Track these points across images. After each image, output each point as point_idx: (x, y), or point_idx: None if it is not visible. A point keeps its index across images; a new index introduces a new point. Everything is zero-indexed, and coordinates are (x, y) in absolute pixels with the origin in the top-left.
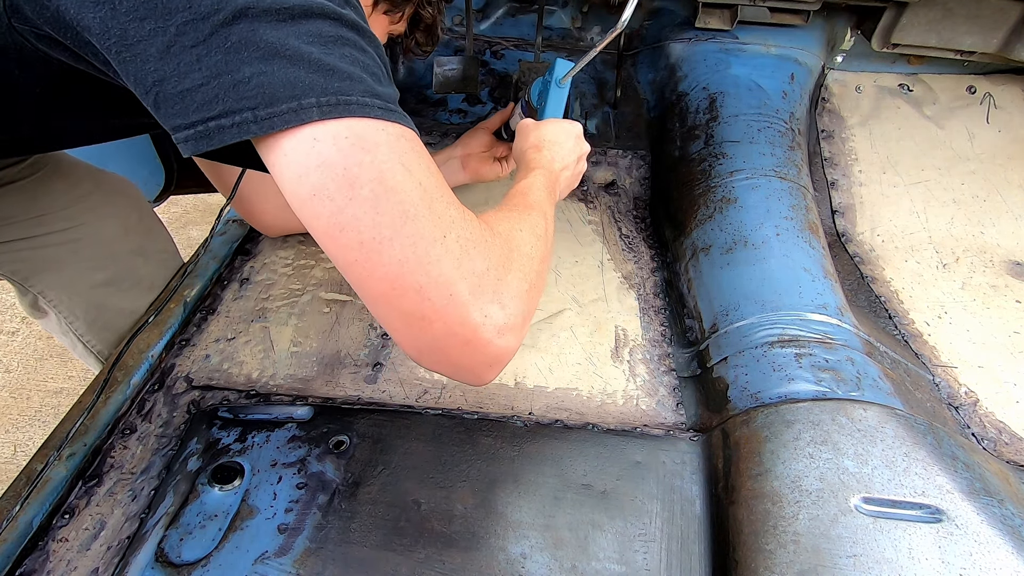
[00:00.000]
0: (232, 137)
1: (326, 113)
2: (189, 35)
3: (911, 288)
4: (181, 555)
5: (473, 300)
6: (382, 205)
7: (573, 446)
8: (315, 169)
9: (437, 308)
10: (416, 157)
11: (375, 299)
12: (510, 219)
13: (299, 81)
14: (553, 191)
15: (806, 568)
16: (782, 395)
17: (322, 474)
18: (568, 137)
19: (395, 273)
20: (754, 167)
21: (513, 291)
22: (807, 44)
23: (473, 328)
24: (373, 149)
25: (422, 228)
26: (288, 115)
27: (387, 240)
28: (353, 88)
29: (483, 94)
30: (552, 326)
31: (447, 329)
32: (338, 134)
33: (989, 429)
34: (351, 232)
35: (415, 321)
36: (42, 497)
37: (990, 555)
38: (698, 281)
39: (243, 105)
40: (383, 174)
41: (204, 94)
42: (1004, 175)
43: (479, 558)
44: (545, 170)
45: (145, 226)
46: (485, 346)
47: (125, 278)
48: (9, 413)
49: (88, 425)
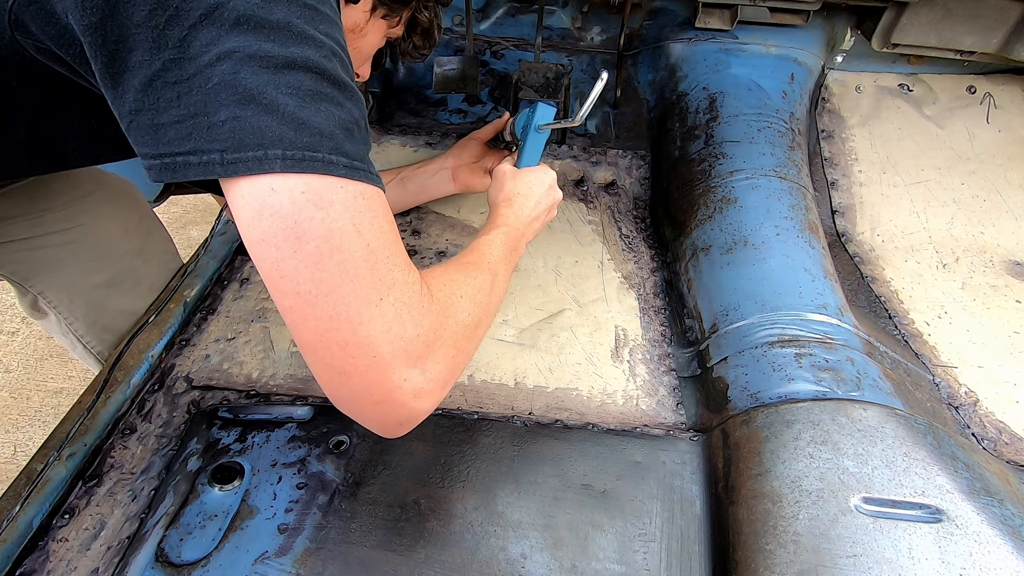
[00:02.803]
0: (196, 174)
1: (289, 167)
2: (173, 72)
3: (911, 288)
4: (181, 555)
5: (395, 364)
6: (324, 262)
7: (573, 446)
8: (267, 217)
9: (358, 367)
10: (370, 217)
11: (302, 344)
12: (454, 283)
13: (269, 131)
14: (515, 248)
15: (806, 568)
16: (782, 395)
17: (322, 474)
18: (541, 188)
19: (324, 327)
20: (754, 167)
21: (438, 357)
22: (807, 44)
23: (389, 390)
24: (327, 207)
25: (359, 289)
26: (252, 163)
27: (322, 296)
28: (321, 144)
29: (483, 94)
30: (552, 326)
31: (364, 387)
32: (295, 188)
33: (989, 429)
34: (289, 281)
35: (336, 374)
36: (42, 497)
37: (990, 555)
38: (698, 281)
39: (212, 147)
40: (331, 232)
41: (178, 131)
42: (1004, 175)
43: (479, 558)
44: (510, 228)
45: (145, 227)
46: (398, 408)
47: (125, 279)
48: (9, 413)
49: (88, 425)
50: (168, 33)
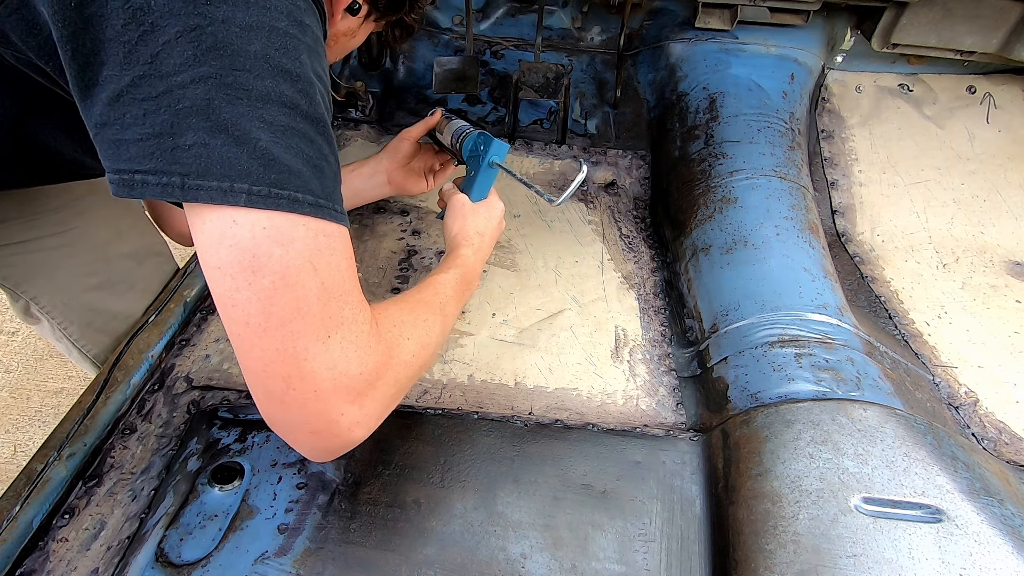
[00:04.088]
0: (153, 195)
1: (254, 203)
2: (142, 88)
3: (911, 288)
4: (181, 555)
5: (335, 400)
6: (277, 298)
7: (573, 446)
8: (226, 247)
9: (298, 399)
10: (329, 255)
11: (245, 369)
12: (404, 324)
13: (238, 163)
14: (468, 287)
15: (806, 568)
16: (782, 395)
17: (322, 474)
18: (494, 223)
19: (269, 359)
20: (754, 167)
21: (378, 395)
22: (807, 44)
23: (326, 423)
24: (287, 244)
25: (309, 326)
26: (216, 193)
27: (271, 329)
28: (289, 181)
29: (483, 94)
30: (552, 326)
31: (302, 418)
32: (257, 223)
33: (989, 429)
34: (240, 311)
35: (275, 402)
36: (42, 497)
37: (990, 555)
38: (698, 281)
39: (174, 169)
40: (288, 270)
41: (140, 148)
42: (1004, 175)
43: (479, 558)
44: (467, 269)
45: (139, 230)
46: (332, 439)
47: (119, 282)
48: (9, 413)
49: (88, 425)
50: (140, 49)
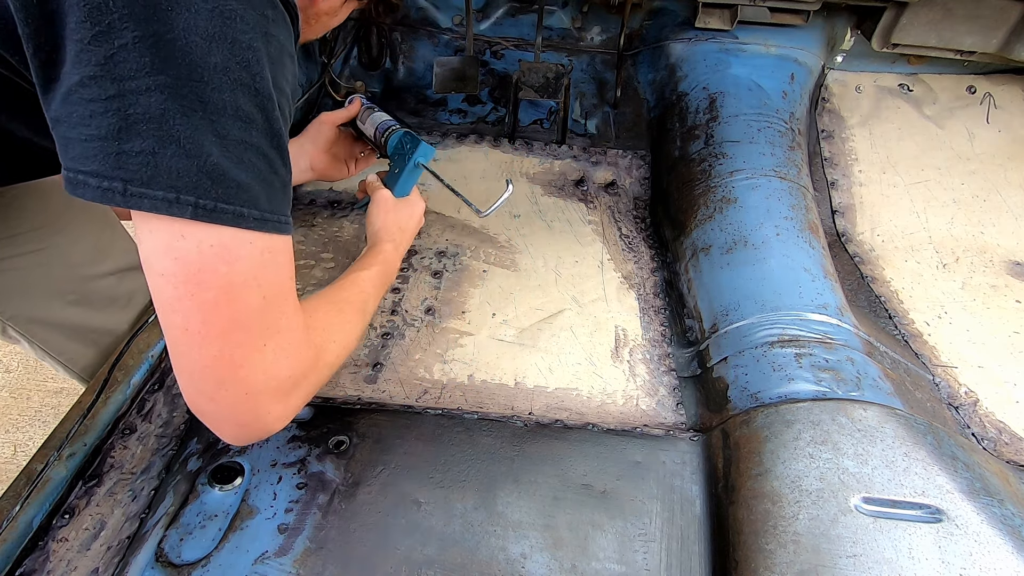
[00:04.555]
0: (93, 198)
1: (199, 216)
2: (91, 89)
3: (911, 288)
4: (181, 555)
5: (263, 400)
6: (219, 311)
7: (573, 446)
8: (172, 259)
9: (229, 399)
10: (273, 270)
11: (178, 369)
12: (331, 327)
13: (186, 176)
14: (387, 281)
15: (806, 568)
16: (782, 395)
17: (322, 474)
18: (415, 220)
19: (206, 364)
20: (754, 167)
21: (302, 393)
22: (807, 44)
23: (253, 418)
24: (233, 262)
25: (247, 337)
26: (160, 203)
27: (210, 337)
28: (237, 196)
29: (483, 94)
30: (552, 326)
31: (231, 414)
32: (205, 240)
33: (989, 429)
34: (180, 318)
35: (206, 399)
36: (42, 497)
37: (990, 555)
38: (698, 281)
39: (117, 175)
40: (231, 286)
41: (84, 149)
42: (1004, 175)
43: (479, 558)
44: (388, 264)
45: (120, 247)
46: (256, 431)
47: (99, 298)
48: (9, 413)
49: (88, 425)
50: (92, 49)
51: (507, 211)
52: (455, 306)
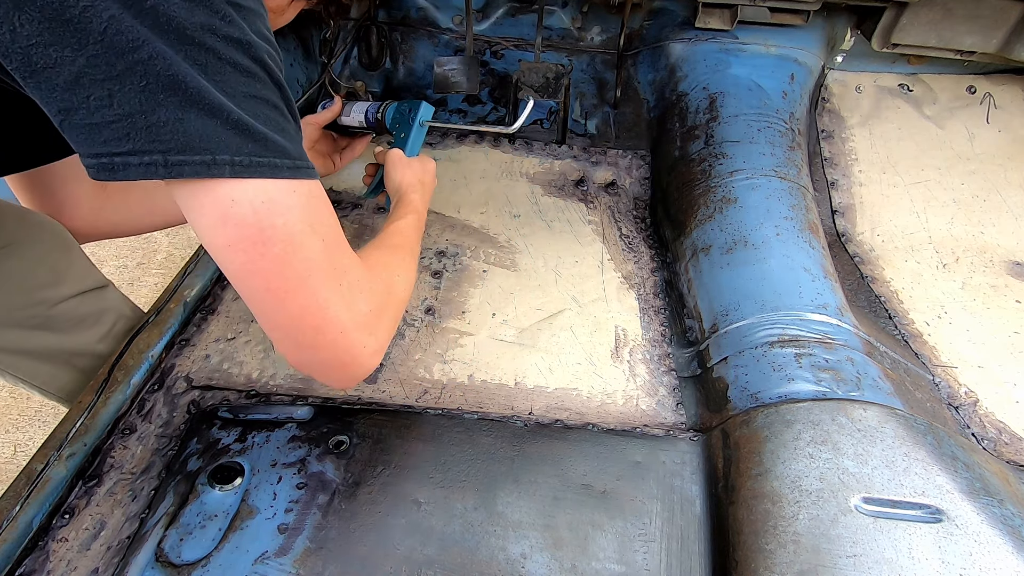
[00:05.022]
0: (137, 175)
1: (238, 172)
2: (101, 68)
3: (911, 288)
4: (181, 555)
5: (357, 336)
6: (289, 261)
7: (573, 446)
8: (232, 227)
9: (328, 342)
10: (320, 214)
11: (273, 327)
12: (390, 265)
13: (215, 136)
14: (421, 228)
15: (806, 568)
16: (782, 395)
17: (322, 474)
18: (431, 178)
19: (297, 315)
20: (754, 167)
21: (385, 326)
22: (807, 44)
23: (353, 356)
24: (286, 213)
25: (323, 279)
26: (200, 167)
27: (292, 290)
28: (266, 149)
29: (483, 94)
30: (552, 326)
31: (333, 356)
32: (255, 198)
33: (989, 429)
34: (259, 280)
35: (306, 349)
36: (42, 497)
37: (990, 555)
38: (698, 281)
39: (154, 147)
40: (292, 236)
41: (115, 131)
42: (1004, 175)
43: (479, 558)
44: (419, 213)
45: (77, 269)
46: (359, 367)
47: (64, 320)
48: (9, 413)
49: (88, 425)
50: (87, 26)
51: (507, 211)
52: (455, 306)
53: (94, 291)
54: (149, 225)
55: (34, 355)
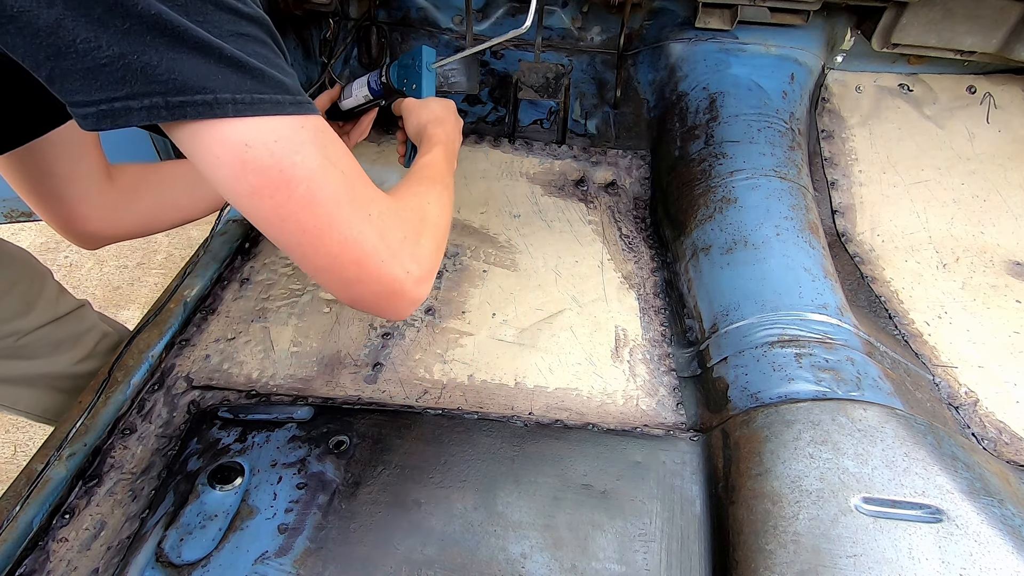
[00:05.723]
0: (140, 120)
1: (241, 111)
2: (80, 11)
3: (911, 288)
4: (181, 555)
5: (397, 263)
6: (316, 199)
7: (573, 446)
8: (251, 173)
9: (372, 273)
10: (334, 147)
11: (317, 270)
12: (419, 194)
13: (212, 74)
14: (452, 161)
15: (806, 568)
16: (782, 395)
17: (322, 474)
18: (452, 113)
19: (337, 251)
20: (754, 167)
21: (426, 251)
22: (807, 44)
23: (400, 283)
24: (300, 149)
25: (354, 211)
26: (202, 107)
27: (325, 228)
28: (265, 86)
29: (483, 94)
30: (552, 326)
31: (380, 287)
32: (267, 138)
33: (989, 429)
34: (293, 223)
35: (353, 284)
36: (42, 497)
37: (990, 555)
38: (698, 281)
39: (152, 89)
40: (313, 172)
41: (109, 74)
42: (1004, 175)
43: (479, 558)
44: (446, 143)
45: (47, 296)
46: (407, 294)
47: (39, 347)
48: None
49: (88, 425)
50: None
51: (507, 211)
52: (455, 306)
53: (68, 315)
54: (164, 222)
55: (12, 382)
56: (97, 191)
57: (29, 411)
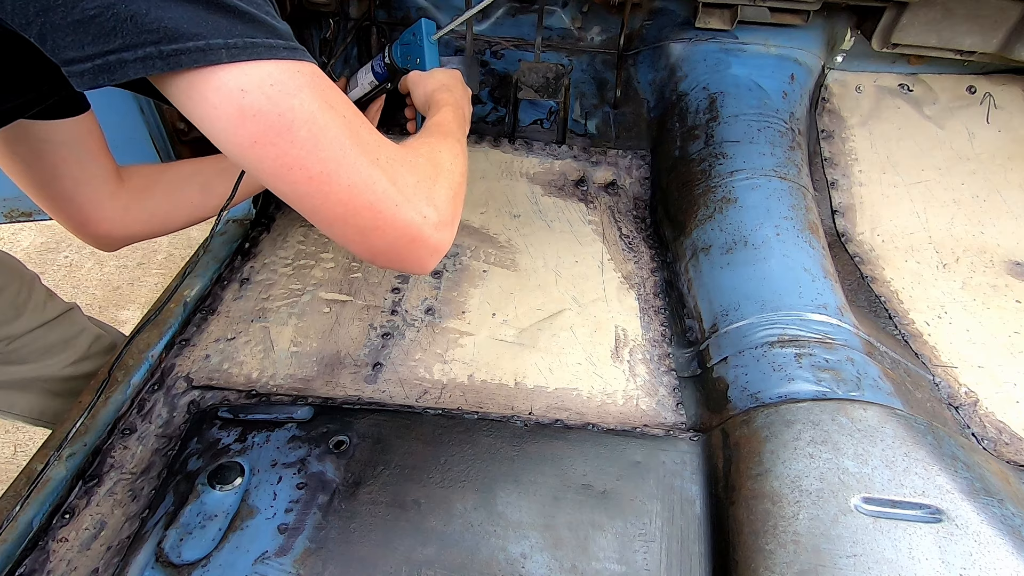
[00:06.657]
0: (136, 71)
1: (236, 56)
2: None
3: (911, 288)
4: (181, 555)
5: (412, 207)
6: (319, 141)
7: (573, 446)
8: (250, 120)
9: (387, 219)
10: (332, 92)
11: (331, 222)
12: (431, 144)
13: (202, 20)
14: (463, 124)
15: (806, 568)
16: (782, 395)
17: (322, 474)
18: (459, 81)
19: (347, 197)
20: (754, 167)
21: (442, 196)
22: (807, 44)
23: (418, 227)
24: (297, 93)
25: (359, 155)
26: (196, 54)
27: (333, 172)
28: (256, 30)
29: (483, 94)
30: (552, 326)
31: (397, 233)
32: (263, 82)
33: (989, 429)
34: (299, 170)
35: (370, 232)
36: (42, 497)
37: (990, 555)
38: (698, 281)
39: (145, 39)
40: (313, 115)
41: (100, 25)
42: (1004, 175)
43: (479, 558)
44: (455, 105)
45: (35, 301)
46: (427, 240)
47: (30, 352)
48: None
49: (88, 425)
50: None
51: (507, 211)
52: (455, 306)
53: (58, 319)
54: (178, 221)
55: (4, 386)
56: (108, 193)
57: (24, 415)
